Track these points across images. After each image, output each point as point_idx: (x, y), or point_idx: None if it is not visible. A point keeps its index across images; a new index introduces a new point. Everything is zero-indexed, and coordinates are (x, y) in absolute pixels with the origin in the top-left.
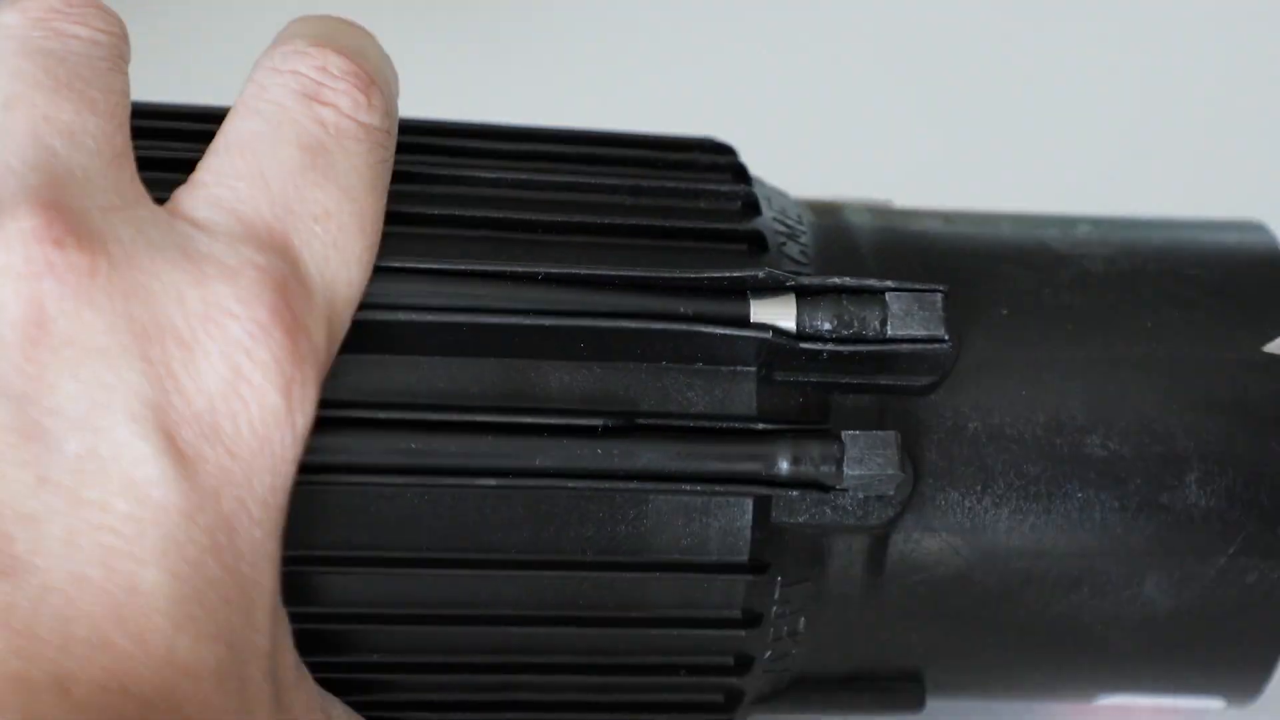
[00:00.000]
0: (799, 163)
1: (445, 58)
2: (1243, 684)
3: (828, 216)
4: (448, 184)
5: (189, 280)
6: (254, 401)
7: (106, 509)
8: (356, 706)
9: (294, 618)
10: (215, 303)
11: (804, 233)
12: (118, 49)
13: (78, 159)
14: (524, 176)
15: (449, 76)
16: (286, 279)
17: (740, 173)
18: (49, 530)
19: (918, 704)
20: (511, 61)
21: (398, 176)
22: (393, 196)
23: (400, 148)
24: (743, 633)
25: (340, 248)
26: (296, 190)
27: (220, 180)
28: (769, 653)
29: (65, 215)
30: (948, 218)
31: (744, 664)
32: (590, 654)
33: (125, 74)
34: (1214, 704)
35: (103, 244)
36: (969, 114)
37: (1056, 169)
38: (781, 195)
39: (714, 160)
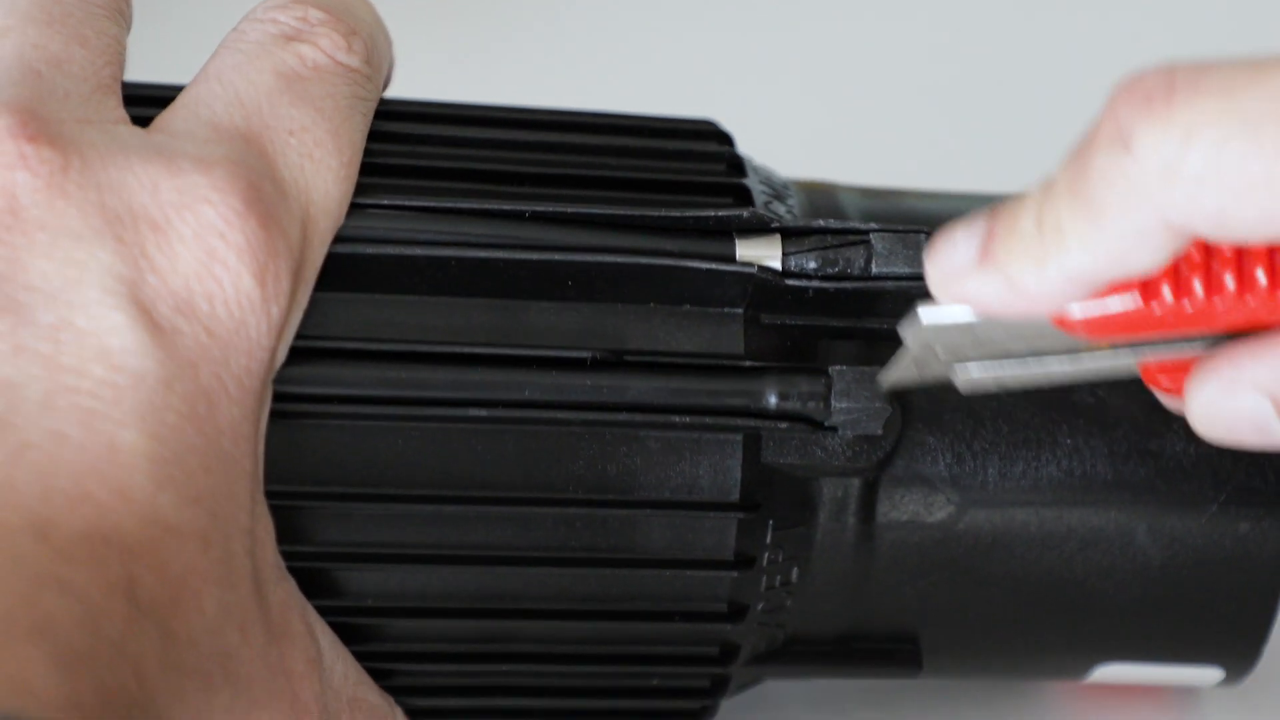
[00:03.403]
0: (792, 161)
1: (439, 52)
2: (1239, 646)
3: (815, 189)
4: (436, 144)
5: (164, 173)
6: (229, 283)
7: (83, 374)
8: None
9: (286, 557)
10: (190, 190)
11: (790, 196)
12: (116, 5)
13: (61, 82)
14: (511, 137)
15: (443, 69)
16: (260, 177)
17: (725, 139)
18: (26, 394)
19: (914, 664)
20: (501, 58)
21: (385, 136)
22: (380, 152)
23: (388, 116)
24: (735, 573)
25: (315, 160)
26: (271, 107)
27: (197, 102)
28: (762, 603)
29: (40, 121)
30: (936, 196)
31: (738, 611)
32: (584, 600)
33: (121, 26)
34: (1211, 674)
35: (76, 146)
36: (966, 111)
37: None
38: (769, 169)
39: (698, 129)
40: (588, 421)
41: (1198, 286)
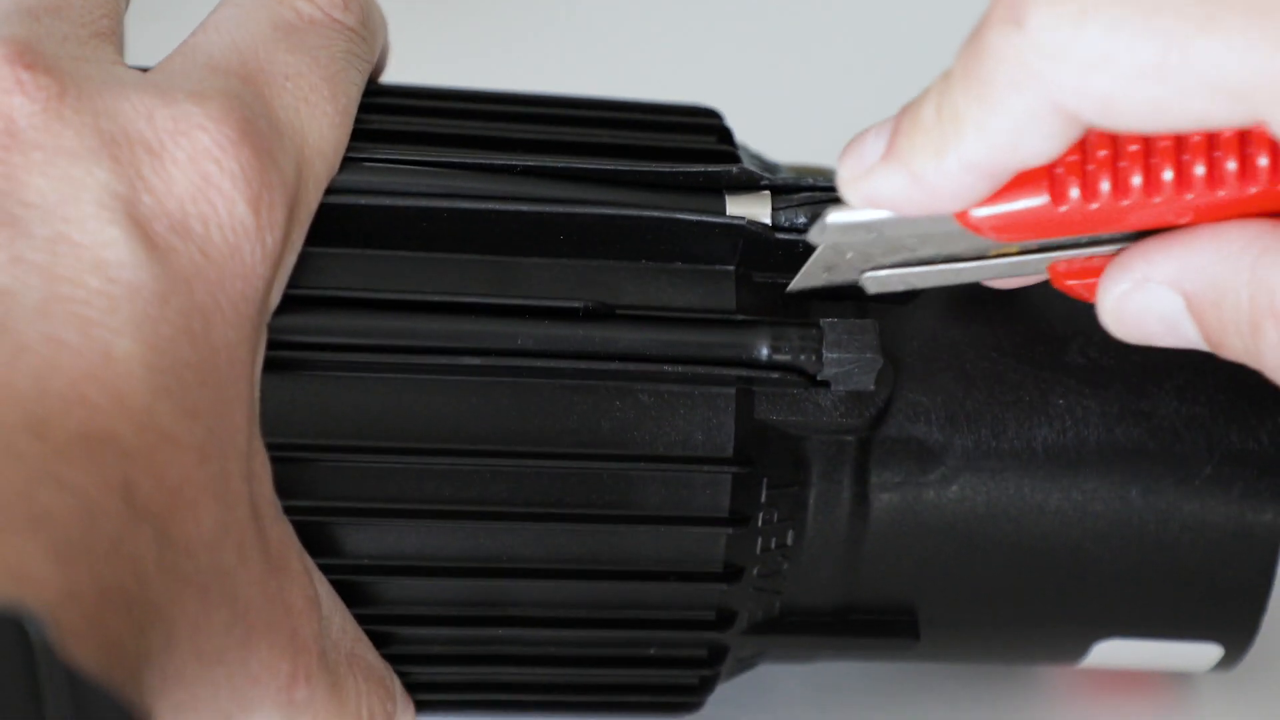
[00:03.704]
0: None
1: (434, 53)
2: (1236, 617)
3: (807, 172)
4: (429, 115)
5: (159, 102)
6: (223, 208)
7: (79, 284)
8: None
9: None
10: (185, 118)
11: (781, 170)
12: None
13: (58, 25)
14: (503, 110)
15: (437, 72)
16: (255, 114)
17: (714, 115)
18: (23, 301)
19: (911, 635)
20: (496, 59)
21: (380, 108)
22: (374, 120)
23: (382, 93)
24: (730, 530)
25: (310, 104)
26: (267, 54)
27: (195, 48)
28: (758, 566)
29: (37, 54)
30: None
31: (733, 572)
32: (579, 559)
33: None
34: (1210, 652)
35: (72, 76)
36: None
37: None
38: (761, 153)
39: (688, 109)
40: (580, 371)
41: (1105, 186)
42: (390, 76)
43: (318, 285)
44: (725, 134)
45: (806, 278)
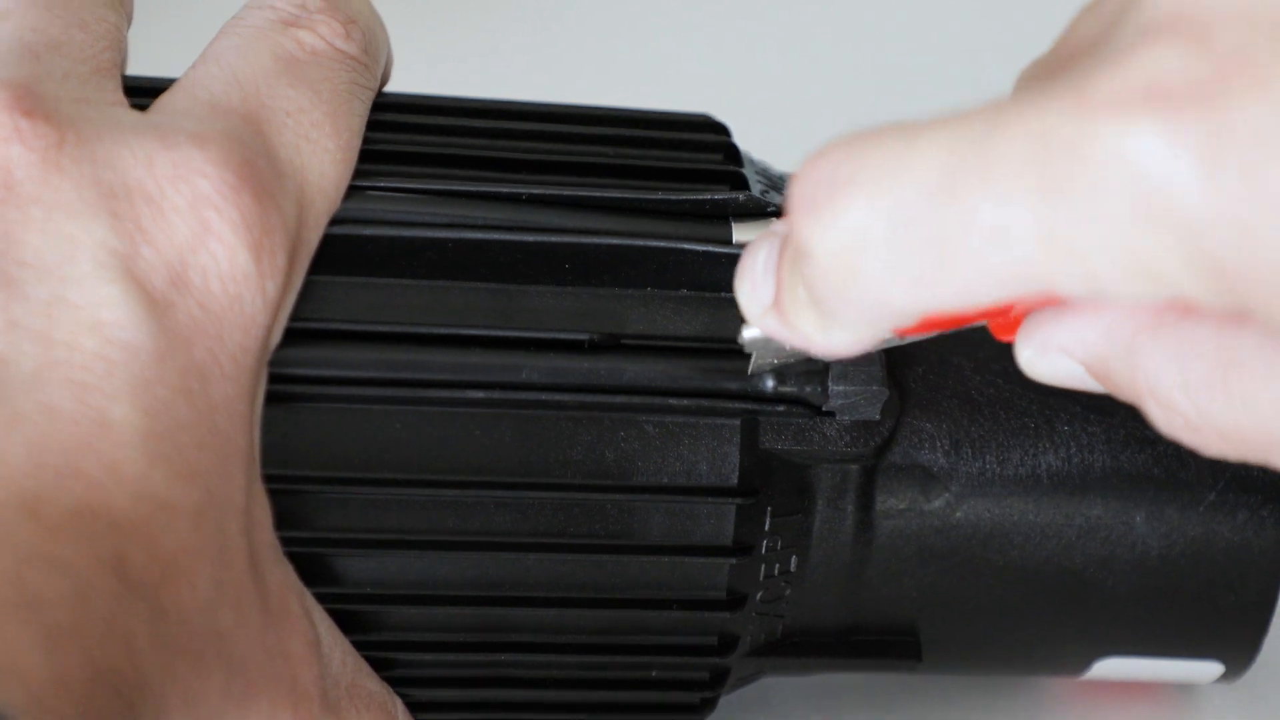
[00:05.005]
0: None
1: (435, 54)
2: (1238, 639)
3: None
4: (434, 133)
5: (158, 146)
6: (224, 258)
7: (75, 348)
8: None
9: (283, 543)
10: (184, 163)
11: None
12: None
13: (59, 63)
14: (508, 127)
15: (438, 72)
16: (256, 154)
17: (721, 130)
18: (18, 368)
19: (914, 657)
20: (497, 60)
21: (384, 125)
22: (378, 140)
23: (387, 108)
24: (733, 560)
25: (312, 141)
26: (268, 88)
27: (195, 83)
28: (761, 592)
29: (36, 97)
30: None
31: (736, 600)
32: (582, 588)
33: (120, 15)
34: (1210, 669)
35: (71, 122)
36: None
37: None
38: (766, 163)
39: (694, 121)
40: (585, 405)
41: None
42: (390, 79)
43: (321, 317)
44: (732, 151)
45: (758, 367)
